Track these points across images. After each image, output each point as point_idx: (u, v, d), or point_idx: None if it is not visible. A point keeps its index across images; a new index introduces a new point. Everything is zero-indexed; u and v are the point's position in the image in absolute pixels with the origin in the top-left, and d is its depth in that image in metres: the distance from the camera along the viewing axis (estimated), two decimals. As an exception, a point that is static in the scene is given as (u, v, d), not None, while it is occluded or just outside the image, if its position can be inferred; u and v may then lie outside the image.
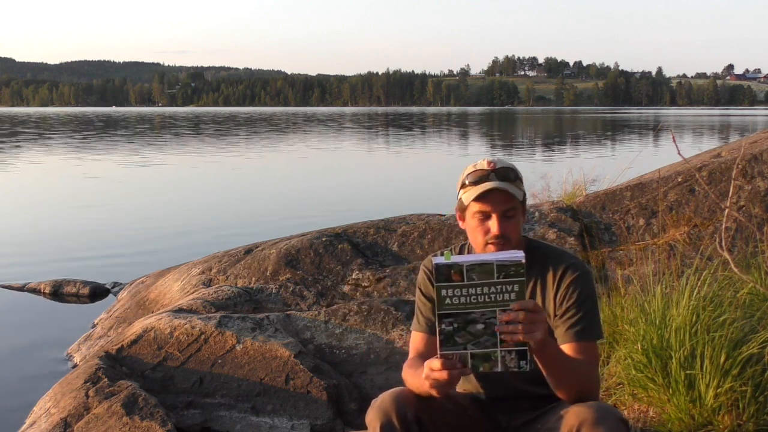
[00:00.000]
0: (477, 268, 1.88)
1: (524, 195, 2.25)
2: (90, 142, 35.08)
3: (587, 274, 2.25)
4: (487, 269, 1.88)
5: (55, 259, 8.76)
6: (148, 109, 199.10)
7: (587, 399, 2.09)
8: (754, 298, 3.50)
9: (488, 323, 1.89)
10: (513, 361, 1.90)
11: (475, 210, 2.20)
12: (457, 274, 1.89)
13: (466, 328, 1.90)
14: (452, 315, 1.90)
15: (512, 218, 2.20)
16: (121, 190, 15.95)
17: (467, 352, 1.91)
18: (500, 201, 2.18)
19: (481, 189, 2.17)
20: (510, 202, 2.18)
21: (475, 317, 1.90)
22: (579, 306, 2.19)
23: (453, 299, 1.90)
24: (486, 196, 2.17)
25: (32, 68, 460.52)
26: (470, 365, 1.91)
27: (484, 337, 1.90)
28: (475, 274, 1.88)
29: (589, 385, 2.14)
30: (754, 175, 5.10)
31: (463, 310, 1.90)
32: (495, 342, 1.90)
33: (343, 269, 5.13)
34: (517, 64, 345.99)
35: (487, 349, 1.90)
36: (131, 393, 3.80)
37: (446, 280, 1.89)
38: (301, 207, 13.01)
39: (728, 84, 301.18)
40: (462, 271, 1.88)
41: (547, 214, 5.31)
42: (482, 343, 1.90)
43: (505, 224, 2.19)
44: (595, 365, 2.20)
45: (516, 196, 2.18)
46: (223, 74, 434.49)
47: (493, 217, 2.18)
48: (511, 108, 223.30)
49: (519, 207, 2.22)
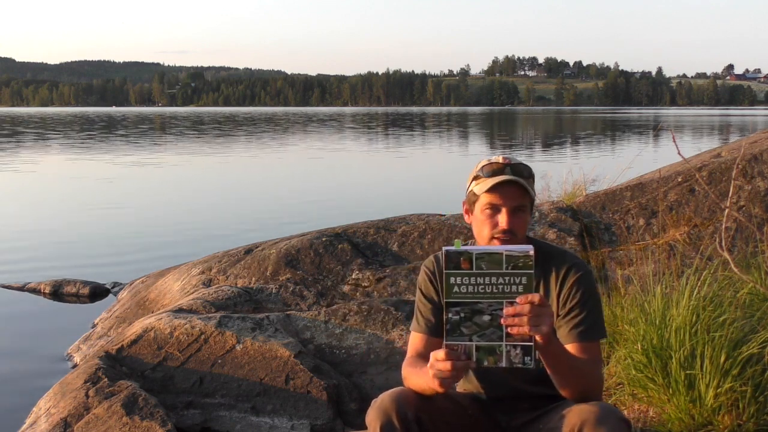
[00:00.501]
0: (486, 257, 1.89)
1: (534, 195, 2.26)
2: (90, 142, 35.08)
3: (589, 273, 2.26)
4: (496, 259, 1.89)
5: (55, 259, 8.76)
6: (148, 109, 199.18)
7: (590, 398, 2.09)
8: (754, 298, 3.50)
9: (495, 315, 1.90)
10: (518, 357, 1.90)
11: (486, 202, 2.21)
12: (466, 262, 1.89)
13: (472, 319, 1.91)
14: (460, 304, 1.90)
15: (521, 215, 2.21)
16: (122, 190, 15.95)
17: (472, 344, 1.90)
18: (512, 195, 2.19)
19: (496, 180, 2.18)
20: (522, 198, 2.20)
21: (482, 308, 1.90)
22: (582, 306, 2.20)
23: (461, 287, 1.90)
24: (500, 188, 2.18)
25: (32, 68, 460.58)
26: (475, 358, 1.91)
27: (490, 330, 1.90)
28: (484, 263, 1.89)
29: (592, 384, 2.14)
30: (754, 175, 5.10)
31: (471, 299, 1.90)
32: (501, 335, 1.90)
33: (343, 269, 5.13)
34: (517, 64, 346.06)
35: (492, 342, 1.90)
36: (131, 393, 3.80)
37: (455, 267, 1.90)
38: (301, 207, 13.01)
39: (728, 84, 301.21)
40: (471, 259, 1.89)
41: (547, 214, 5.31)
42: (488, 336, 1.90)
43: (513, 220, 2.19)
44: (598, 365, 2.20)
45: (529, 192, 2.19)
46: (223, 74, 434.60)
47: (503, 210, 2.19)
48: (511, 108, 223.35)
49: (528, 205, 2.23)
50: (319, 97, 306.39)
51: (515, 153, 26.51)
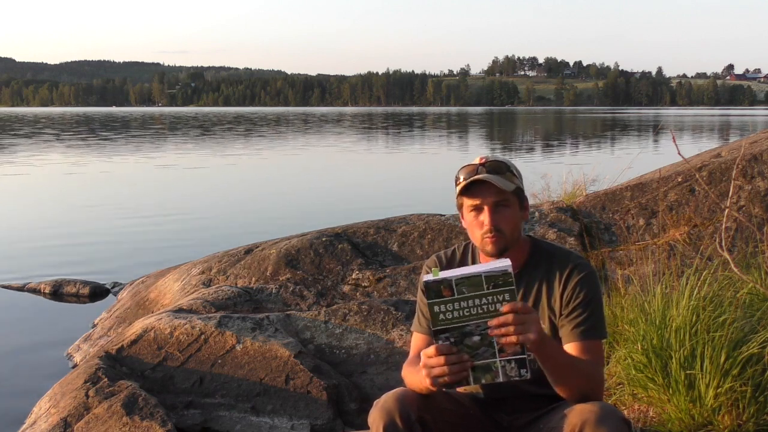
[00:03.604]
0: (466, 282, 1.90)
1: (519, 188, 2.24)
2: (91, 141, 35.07)
3: (593, 274, 2.26)
4: (476, 282, 1.90)
5: (55, 259, 8.76)
6: (148, 109, 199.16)
7: (590, 398, 2.09)
8: (754, 298, 3.50)
9: (484, 334, 1.91)
10: (513, 371, 1.91)
11: (468, 204, 2.23)
12: (447, 290, 1.90)
13: (463, 342, 1.92)
14: (448, 330, 1.92)
15: (504, 210, 2.20)
16: (122, 189, 15.96)
17: (468, 364, 1.92)
18: (489, 193, 2.19)
19: (469, 181, 2.19)
20: (500, 194, 2.19)
21: (470, 329, 1.91)
22: (585, 306, 2.20)
23: (446, 314, 1.91)
24: (475, 188, 2.19)
25: (32, 68, 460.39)
26: (472, 378, 1.92)
27: (482, 349, 1.92)
28: (464, 288, 1.90)
29: (592, 384, 2.14)
30: (754, 175, 5.10)
31: (458, 324, 1.91)
32: (494, 352, 1.91)
33: (343, 269, 5.13)
34: (517, 64, 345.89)
35: (487, 360, 1.92)
36: (131, 393, 3.80)
37: (437, 296, 1.90)
38: (301, 207, 13.01)
39: (728, 84, 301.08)
40: (452, 285, 1.90)
41: (547, 214, 5.31)
42: (481, 355, 1.92)
43: (496, 216, 2.19)
44: (599, 364, 2.20)
45: (504, 186, 2.18)
46: (223, 74, 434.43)
47: (484, 209, 2.20)
48: (511, 108, 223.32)
49: (512, 199, 2.22)
50: (319, 97, 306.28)
51: (515, 153, 26.51)
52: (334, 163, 23.20)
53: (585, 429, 1.97)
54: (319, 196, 14.55)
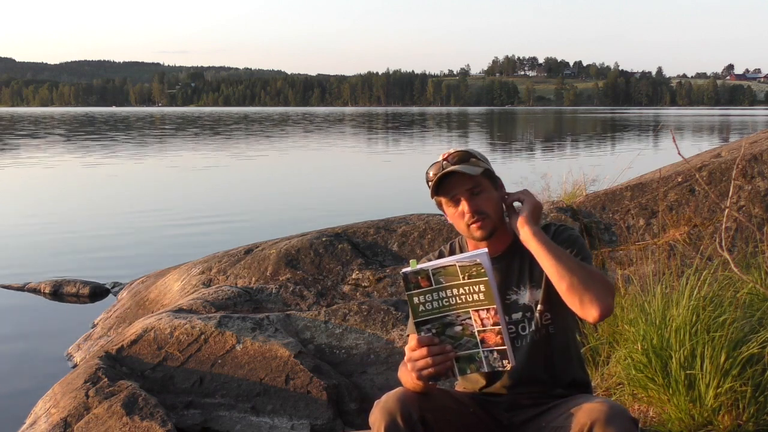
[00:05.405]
0: (442, 271, 1.91)
1: (487, 170, 2.24)
2: (91, 141, 35.07)
3: (575, 230, 2.30)
4: (451, 271, 1.91)
5: (55, 259, 8.76)
6: (148, 109, 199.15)
7: (601, 299, 2.05)
8: (754, 298, 3.49)
9: (465, 324, 1.92)
10: (497, 361, 1.93)
11: (445, 200, 2.26)
12: (424, 280, 1.91)
13: (445, 332, 1.93)
14: (429, 321, 1.93)
15: (482, 194, 2.22)
16: (122, 189, 15.96)
17: (451, 355, 1.94)
18: (460, 182, 2.21)
19: (437, 178, 2.22)
20: (470, 181, 2.21)
21: (451, 319, 1.93)
22: (572, 244, 2.21)
23: (426, 305, 1.93)
24: (445, 183, 2.22)
25: (32, 68, 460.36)
26: (457, 369, 1.94)
27: (464, 339, 1.93)
28: (441, 278, 1.91)
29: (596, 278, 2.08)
30: (754, 175, 5.10)
31: (438, 314, 1.92)
32: (476, 343, 1.93)
33: (343, 269, 5.13)
34: (517, 64, 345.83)
35: (470, 351, 1.93)
36: (131, 393, 3.80)
37: (416, 287, 1.92)
38: (301, 207, 13.01)
39: (728, 84, 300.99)
40: (429, 276, 1.91)
41: (547, 214, 5.31)
42: (464, 345, 1.93)
43: (474, 201, 2.21)
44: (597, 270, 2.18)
45: (472, 172, 2.19)
46: (223, 74, 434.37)
47: (461, 200, 2.22)
48: (511, 108, 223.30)
49: (484, 182, 2.24)
50: (319, 97, 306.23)
51: (515, 153, 26.51)
52: (335, 162, 23.20)
53: (594, 428, 1.97)
54: (320, 196, 14.55)
